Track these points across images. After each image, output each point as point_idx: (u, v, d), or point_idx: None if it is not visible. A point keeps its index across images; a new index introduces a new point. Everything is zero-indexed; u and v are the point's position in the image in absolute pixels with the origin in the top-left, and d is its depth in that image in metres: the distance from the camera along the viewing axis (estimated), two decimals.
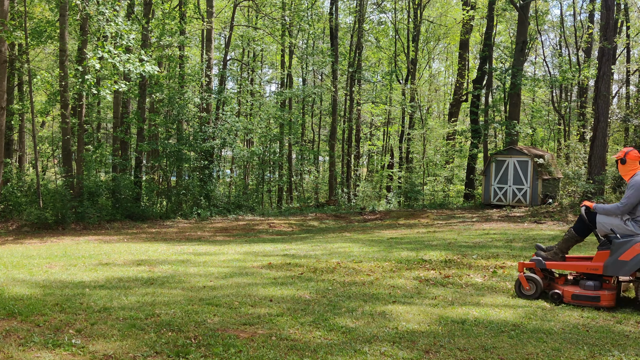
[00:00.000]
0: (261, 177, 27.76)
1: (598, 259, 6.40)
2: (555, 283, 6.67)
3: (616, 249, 6.22)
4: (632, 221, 6.30)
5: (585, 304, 6.25)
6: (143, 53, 17.10)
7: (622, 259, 6.15)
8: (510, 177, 21.06)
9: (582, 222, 6.73)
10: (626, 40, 28.53)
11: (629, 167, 6.44)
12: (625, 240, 6.18)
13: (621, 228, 6.30)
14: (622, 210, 6.31)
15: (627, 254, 6.12)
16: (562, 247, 6.80)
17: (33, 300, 6.12)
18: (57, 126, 26.13)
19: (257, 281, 7.55)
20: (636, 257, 6.07)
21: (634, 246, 6.10)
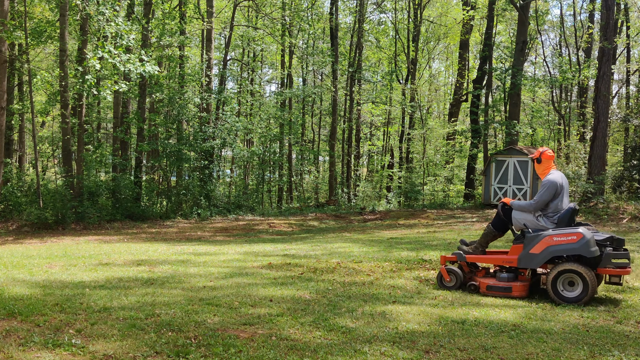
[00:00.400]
0: (261, 177, 27.75)
1: (513, 253, 6.82)
2: (475, 275, 7.16)
3: (528, 242, 6.66)
4: (544, 217, 6.74)
5: (498, 295, 6.68)
6: (143, 53, 17.10)
7: (533, 252, 6.59)
8: (510, 177, 21.06)
9: (500, 218, 7.14)
10: (626, 40, 28.52)
11: (543, 166, 6.90)
12: (536, 235, 6.62)
13: (533, 223, 6.74)
14: (535, 207, 6.74)
15: (537, 247, 6.57)
16: (481, 242, 7.25)
17: (33, 300, 6.12)
18: (57, 126, 26.13)
19: (257, 281, 7.56)
20: (545, 250, 6.51)
21: (543, 240, 6.54)
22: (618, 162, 24.77)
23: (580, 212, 17.19)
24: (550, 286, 6.49)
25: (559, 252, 6.47)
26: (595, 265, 6.47)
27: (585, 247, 6.34)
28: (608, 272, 6.44)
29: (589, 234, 6.41)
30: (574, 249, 6.39)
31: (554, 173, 6.82)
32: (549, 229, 6.63)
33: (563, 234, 6.49)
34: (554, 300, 6.46)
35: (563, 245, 6.45)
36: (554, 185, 6.68)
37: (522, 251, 6.71)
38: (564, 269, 6.42)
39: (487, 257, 7.10)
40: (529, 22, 24.39)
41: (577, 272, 6.36)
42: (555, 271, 6.46)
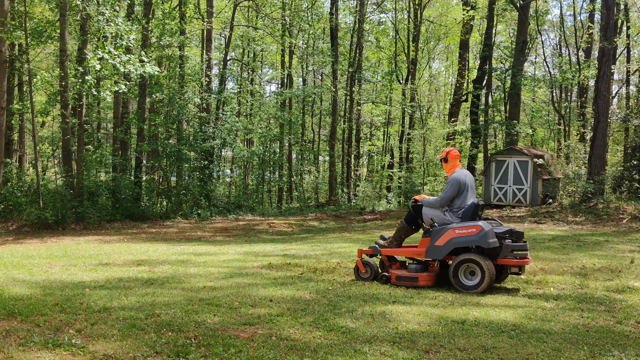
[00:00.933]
0: (261, 177, 27.75)
1: (422, 245, 7.37)
2: (390, 267, 7.62)
3: (434, 236, 7.17)
4: (450, 212, 7.24)
5: (406, 284, 7.19)
6: (143, 54, 17.10)
7: (438, 244, 7.11)
8: (510, 177, 21.05)
9: (411, 214, 7.66)
10: (626, 40, 28.52)
11: (450, 165, 7.44)
12: (441, 228, 7.14)
13: (440, 218, 7.24)
14: (441, 204, 7.25)
15: (441, 240, 7.09)
16: (396, 237, 7.74)
17: (33, 300, 6.12)
18: (57, 126, 26.13)
19: (257, 281, 7.56)
20: (449, 242, 7.04)
21: (447, 233, 7.06)
22: (618, 162, 24.77)
23: (580, 211, 17.19)
24: (452, 275, 7.00)
25: (460, 243, 6.96)
26: (495, 256, 6.94)
27: (483, 238, 6.82)
28: (507, 262, 6.94)
29: (487, 227, 6.89)
30: (473, 241, 6.89)
31: (459, 171, 7.29)
32: (454, 223, 7.12)
33: (464, 227, 6.99)
34: (456, 288, 6.95)
35: (464, 238, 6.95)
36: (458, 183, 7.16)
37: (429, 244, 7.21)
38: (464, 259, 6.91)
39: (400, 250, 7.61)
40: (529, 22, 24.38)
41: (476, 262, 6.85)
42: (456, 261, 6.96)
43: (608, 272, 8.16)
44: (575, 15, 31.34)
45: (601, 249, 10.46)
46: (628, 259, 9.10)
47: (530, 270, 8.39)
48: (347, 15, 32.38)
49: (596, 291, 7.01)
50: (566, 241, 11.71)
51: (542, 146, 34.43)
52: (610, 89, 23.95)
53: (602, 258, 9.30)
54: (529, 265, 8.70)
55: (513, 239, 7.04)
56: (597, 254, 9.74)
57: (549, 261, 9.05)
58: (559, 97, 33.59)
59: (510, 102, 23.64)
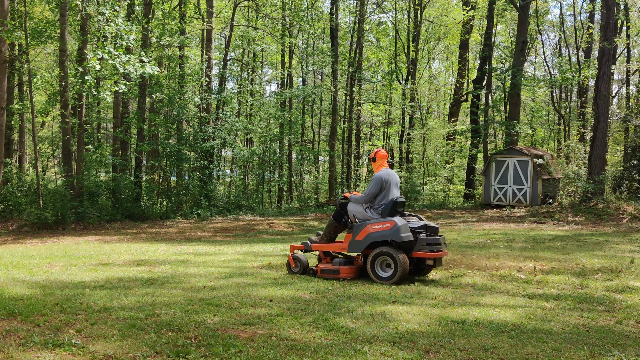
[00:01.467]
0: (261, 177, 27.74)
1: (345, 241, 7.80)
2: (322, 262, 8.05)
3: (355, 231, 7.65)
4: (371, 209, 7.68)
5: (329, 277, 7.66)
6: (143, 54, 17.09)
7: (357, 239, 7.58)
8: (510, 177, 21.05)
9: (339, 211, 8.09)
10: (626, 40, 28.52)
11: (377, 164, 7.87)
12: (361, 224, 7.61)
13: (362, 214, 7.71)
14: (365, 200, 7.69)
15: (361, 235, 7.56)
16: (326, 233, 8.17)
17: (33, 300, 6.12)
18: (57, 126, 26.12)
19: (257, 281, 7.56)
20: (367, 237, 7.50)
21: (365, 228, 7.53)
22: (618, 162, 24.77)
23: (580, 211, 17.19)
24: (369, 267, 7.50)
25: (376, 238, 7.44)
26: (410, 249, 7.42)
27: (396, 233, 7.30)
28: (422, 255, 7.41)
29: (401, 222, 7.34)
30: (388, 235, 7.36)
31: (383, 170, 7.75)
32: (373, 219, 7.59)
33: (380, 223, 7.47)
34: (373, 279, 7.47)
35: (379, 232, 7.43)
36: (380, 180, 7.61)
37: (351, 239, 7.67)
38: (379, 252, 7.40)
39: (328, 245, 8.04)
40: (529, 22, 24.38)
41: (390, 254, 7.34)
42: (373, 254, 7.46)
43: (608, 272, 8.16)
44: (575, 15, 31.35)
45: (601, 249, 10.46)
46: (628, 259, 9.10)
47: (530, 270, 8.39)
48: (347, 15, 32.37)
49: (596, 291, 7.01)
50: (566, 241, 11.71)
51: (542, 146, 34.42)
52: (610, 89, 23.95)
53: (602, 258, 9.30)
54: (530, 265, 8.71)
55: (428, 234, 7.51)
56: (597, 254, 9.75)
57: (549, 261, 9.05)
58: (559, 97, 33.59)
59: (510, 102, 23.64)
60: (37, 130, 27.28)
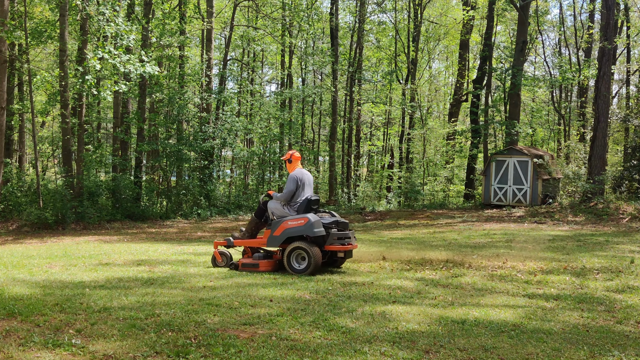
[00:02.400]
0: (261, 177, 27.73)
1: (264, 236, 8.37)
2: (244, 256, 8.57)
3: (273, 227, 8.22)
4: (287, 206, 8.28)
5: (250, 270, 8.22)
6: (143, 54, 17.09)
7: (275, 234, 8.17)
8: (510, 177, 21.05)
9: (260, 208, 8.65)
10: (626, 40, 28.52)
11: (293, 165, 8.48)
12: (278, 220, 8.21)
13: (280, 211, 8.30)
14: (284, 198, 8.27)
15: (278, 231, 8.15)
16: (248, 229, 8.76)
17: (33, 300, 6.12)
18: (57, 126, 26.12)
19: (257, 281, 7.56)
20: (283, 232, 8.09)
21: (282, 224, 8.12)
22: (618, 162, 24.77)
23: (580, 211, 17.19)
24: (286, 261, 8.09)
25: (292, 233, 8.04)
26: (323, 243, 8.04)
27: (309, 228, 7.93)
28: (333, 249, 8.07)
29: (314, 218, 7.99)
30: (302, 230, 7.98)
31: (297, 170, 8.39)
32: (289, 216, 8.18)
33: (295, 219, 8.08)
34: (289, 272, 8.04)
35: (295, 228, 8.04)
36: (295, 179, 8.24)
37: (269, 235, 8.25)
38: (295, 246, 8.00)
39: (250, 240, 8.60)
40: (529, 22, 24.37)
41: (304, 249, 7.96)
42: (289, 249, 8.05)
43: (608, 272, 8.16)
44: (575, 15, 31.34)
45: (601, 249, 10.46)
46: (628, 259, 9.10)
47: (530, 270, 8.39)
48: (347, 15, 32.37)
49: (596, 291, 7.01)
50: (566, 241, 11.71)
51: (542, 146, 34.42)
52: (610, 89, 23.95)
53: (602, 258, 9.30)
54: (530, 265, 8.71)
55: (339, 229, 8.20)
56: (597, 254, 9.75)
57: (549, 261, 9.05)
58: (559, 97, 33.58)
59: (510, 102, 23.63)
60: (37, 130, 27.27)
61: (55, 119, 26.78)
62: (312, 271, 7.94)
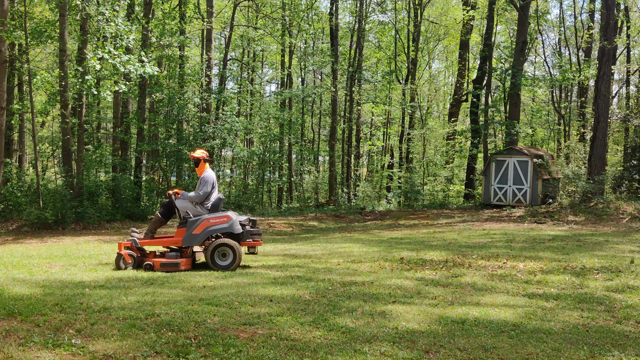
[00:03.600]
0: (261, 177, 27.72)
1: (178, 235, 8.56)
2: (147, 257, 8.63)
3: (190, 226, 8.46)
4: (200, 205, 8.61)
5: (170, 270, 8.26)
6: (143, 54, 17.08)
7: (195, 232, 8.42)
8: (510, 177, 21.04)
9: (166, 206, 8.88)
10: (626, 40, 28.52)
11: (204, 166, 8.80)
12: (196, 219, 8.46)
13: (193, 210, 8.58)
14: (201, 198, 8.59)
15: (198, 229, 8.43)
16: (151, 229, 8.93)
17: (33, 300, 6.12)
18: (57, 126, 26.11)
19: (257, 281, 7.56)
20: (204, 230, 8.40)
21: (203, 222, 8.42)
22: (618, 162, 24.78)
23: (580, 211, 17.19)
24: (210, 258, 8.37)
25: (215, 231, 8.43)
26: (239, 240, 8.54)
27: (233, 226, 8.45)
28: (247, 244, 8.62)
29: (235, 216, 8.55)
30: (225, 228, 8.45)
31: (209, 171, 8.78)
32: (205, 214, 8.51)
33: (217, 217, 8.48)
34: (212, 268, 8.32)
35: (218, 226, 8.44)
36: (212, 180, 8.64)
37: (186, 233, 8.44)
38: (219, 243, 8.36)
39: (157, 240, 8.73)
40: (529, 22, 24.37)
41: (229, 245, 8.38)
42: (212, 246, 8.37)
43: (608, 272, 8.16)
44: (575, 15, 31.34)
45: (601, 249, 10.46)
46: (628, 259, 9.10)
47: (530, 270, 8.39)
48: (347, 16, 32.37)
49: (596, 291, 7.01)
50: (566, 241, 11.71)
51: (542, 146, 34.42)
52: (610, 89, 23.95)
53: (602, 258, 9.30)
54: (530, 265, 8.72)
55: (251, 226, 8.75)
56: (597, 254, 9.75)
57: (549, 261, 9.05)
58: (559, 97, 33.58)
59: (510, 102, 23.63)
60: (37, 130, 27.27)
61: (55, 119, 26.78)
62: (236, 266, 8.35)
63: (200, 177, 8.73)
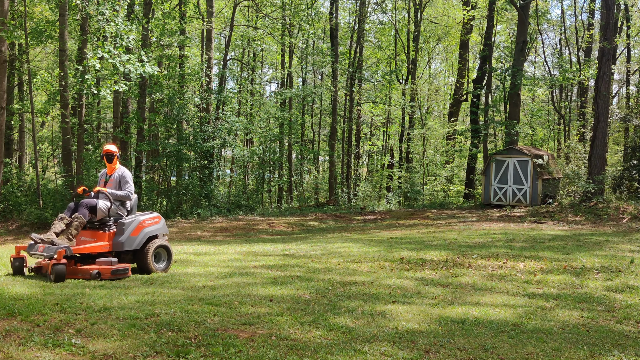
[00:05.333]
0: (261, 177, 27.72)
1: (106, 239, 7.69)
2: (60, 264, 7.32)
3: (124, 228, 7.77)
4: (120, 206, 8.00)
5: (120, 277, 7.48)
6: (143, 54, 17.08)
7: (133, 235, 7.83)
8: (510, 177, 21.05)
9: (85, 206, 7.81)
10: (626, 40, 28.52)
11: (114, 164, 8.16)
12: (131, 220, 7.87)
13: (114, 211, 7.90)
14: (129, 198, 8.05)
15: (135, 231, 7.87)
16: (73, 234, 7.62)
17: (33, 300, 6.11)
18: (57, 126, 26.11)
19: (257, 281, 7.56)
20: (142, 232, 7.92)
21: (139, 224, 7.92)
22: (618, 162, 24.77)
23: (580, 211, 17.19)
24: (151, 261, 7.93)
25: (151, 232, 8.01)
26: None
27: (164, 227, 8.27)
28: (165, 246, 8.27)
29: (161, 217, 8.28)
30: (159, 229, 8.13)
31: (124, 168, 8.21)
32: (133, 216, 8.01)
33: (150, 218, 8.08)
34: (152, 271, 7.91)
35: (152, 227, 8.07)
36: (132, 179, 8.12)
37: (121, 236, 7.71)
38: (157, 245, 8.02)
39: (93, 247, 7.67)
40: (529, 22, 24.37)
41: (165, 247, 8.18)
42: (152, 248, 7.93)
43: (608, 271, 8.16)
44: (575, 14, 31.34)
45: (601, 249, 10.46)
46: (628, 258, 9.10)
47: (530, 270, 8.39)
48: (347, 16, 32.36)
49: (596, 291, 7.01)
50: (566, 241, 11.71)
51: (542, 146, 34.42)
52: (610, 89, 23.95)
53: (602, 258, 9.30)
54: (530, 265, 8.72)
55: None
56: (597, 254, 9.75)
57: (549, 261, 9.05)
58: (559, 97, 33.58)
59: (510, 102, 23.63)
60: (37, 130, 27.27)
61: (55, 119, 26.79)
62: (169, 268, 8.20)
63: (122, 174, 8.00)
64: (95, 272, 7.40)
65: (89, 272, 7.43)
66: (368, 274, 8.16)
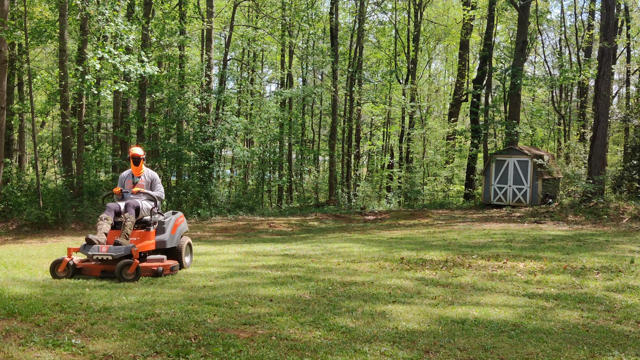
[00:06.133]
0: (261, 177, 27.72)
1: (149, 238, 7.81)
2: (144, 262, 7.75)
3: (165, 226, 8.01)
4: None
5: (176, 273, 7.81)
6: (143, 54, 17.08)
7: (173, 233, 8.10)
8: (510, 177, 21.05)
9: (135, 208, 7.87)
10: (626, 40, 28.52)
11: (139, 168, 8.14)
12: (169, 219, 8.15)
13: (154, 211, 8.08)
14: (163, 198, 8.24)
15: (173, 229, 8.14)
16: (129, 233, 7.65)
17: (33, 300, 6.11)
18: (57, 126, 26.12)
19: (257, 281, 7.55)
20: (178, 230, 8.19)
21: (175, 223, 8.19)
22: (618, 162, 24.77)
23: (580, 211, 17.20)
24: (184, 257, 8.24)
25: (183, 230, 8.34)
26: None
27: (186, 225, 8.59)
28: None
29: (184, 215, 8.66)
30: (185, 228, 8.42)
31: (150, 169, 8.35)
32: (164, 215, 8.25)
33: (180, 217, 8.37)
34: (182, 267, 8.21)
35: (182, 225, 8.45)
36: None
37: (163, 234, 7.98)
38: (187, 242, 8.40)
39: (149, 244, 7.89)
40: (529, 22, 24.37)
41: (189, 243, 8.54)
42: (185, 245, 8.28)
43: (608, 271, 8.16)
44: (575, 14, 31.34)
45: (601, 249, 10.46)
46: (628, 259, 9.10)
47: (530, 270, 8.39)
48: (347, 16, 32.35)
49: (596, 291, 7.01)
50: (566, 241, 11.71)
51: (542, 146, 34.42)
52: (610, 89, 23.95)
53: (602, 258, 9.30)
54: (530, 265, 8.73)
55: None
56: (597, 254, 9.75)
57: (549, 261, 9.05)
58: (559, 97, 33.58)
59: (510, 102, 23.64)
60: (37, 130, 27.27)
61: (55, 119, 26.79)
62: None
63: (153, 176, 8.18)
64: (160, 268, 7.59)
65: (150, 269, 7.56)
66: (368, 274, 8.16)
